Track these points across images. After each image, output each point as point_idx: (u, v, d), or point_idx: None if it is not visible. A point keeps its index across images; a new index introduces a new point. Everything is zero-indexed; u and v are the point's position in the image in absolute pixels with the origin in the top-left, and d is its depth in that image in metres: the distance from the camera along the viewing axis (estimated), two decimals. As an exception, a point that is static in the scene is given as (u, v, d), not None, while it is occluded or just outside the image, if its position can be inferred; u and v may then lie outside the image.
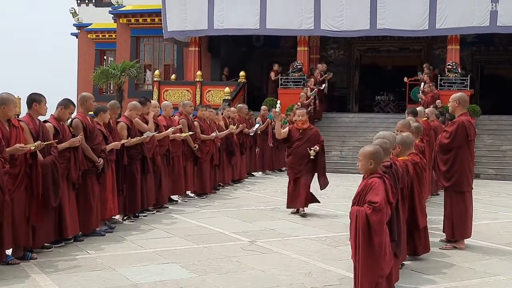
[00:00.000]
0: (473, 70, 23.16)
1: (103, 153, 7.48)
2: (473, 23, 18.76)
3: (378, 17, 19.39)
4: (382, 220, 4.46)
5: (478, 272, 6.08)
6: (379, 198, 4.48)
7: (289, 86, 20.83)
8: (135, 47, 26.16)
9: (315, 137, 9.41)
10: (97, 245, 6.97)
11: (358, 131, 18.92)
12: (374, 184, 4.57)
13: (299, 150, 9.25)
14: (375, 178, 4.62)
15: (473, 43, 23.11)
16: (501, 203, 11.37)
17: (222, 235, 7.71)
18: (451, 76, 19.46)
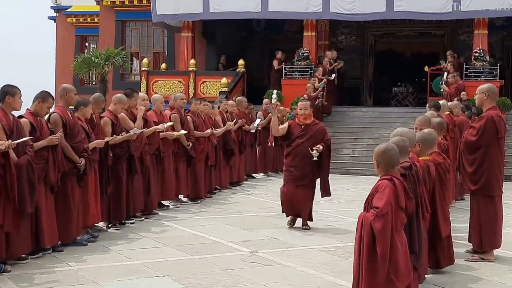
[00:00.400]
0: (503, 58, 23.14)
1: (85, 153, 7.49)
2: (504, 4, 18.72)
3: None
4: (385, 227, 4.48)
5: (509, 287, 6.08)
6: (382, 202, 4.50)
7: (294, 76, 20.83)
8: (121, 33, 26.17)
9: (319, 134, 8.94)
10: (78, 256, 6.98)
11: (373, 128, 18.92)
12: (381, 187, 4.60)
13: (300, 150, 8.78)
14: (384, 180, 4.64)
15: (503, 27, 23.05)
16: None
17: (219, 244, 7.71)
18: (478, 65, 19.43)
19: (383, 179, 4.68)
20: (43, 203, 6.88)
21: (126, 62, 23.70)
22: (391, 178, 4.66)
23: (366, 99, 24.70)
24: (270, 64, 22.37)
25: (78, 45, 28.82)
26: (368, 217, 4.55)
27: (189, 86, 21.50)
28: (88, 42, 29.35)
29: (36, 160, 6.64)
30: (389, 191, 4.57)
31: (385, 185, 4.61)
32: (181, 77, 21.94)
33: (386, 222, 4.49)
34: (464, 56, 21.25)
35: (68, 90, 7.61)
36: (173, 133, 10.31)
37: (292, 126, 9.02)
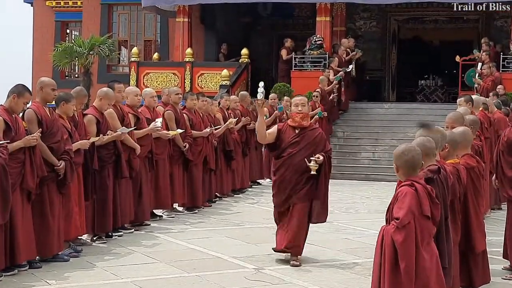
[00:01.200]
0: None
1: (65, 155, 7.47)
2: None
3: (422, -23, 19.41)
4: (407, 239, 4.49)
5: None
6: (403, 212, 4.52)
7: (306, 67, 20.86)
8: (107, 18, 26.23)
9: (319, 142, 7.70)
10: (58, 273, 7.00)
11: (396, 127, 18.93)
12: (400, 195, 4.62)
13: (294, 162, 7.53)
14: (403, 186, 4.66)
15: (547, 11, 23.05)
16: None
17: (219, 260, 7.74)
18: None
19: (403, 186, 4.69)
20: (19, 213, 6.89)
21: (113, 52, 23.75)
22: (411, 183, 4.67)
23: (389, 94, 24.69)
24: (278, 53, 22.39)
25: (58, 32, 28.82)
26: (388, 230, 4.57)
27: (185, 79, 21.55)
28: (70, 28, 29.37)
29: (11, 164, 6.65)
30: (410, 198, 4.58)
31: (405, 192, 4.62)
32: (176, 69, 21.99)
33: (408, 234, 4.50)
34: (501, 44, 21.24)
35: (45, 85, 7.58)
36: (168, 133, 10.31)
37: (283, 130, 7.73)
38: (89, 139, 8.20)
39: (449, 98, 23.28)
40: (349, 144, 18.84)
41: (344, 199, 13.36)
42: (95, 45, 22.22)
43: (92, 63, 22.65)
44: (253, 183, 14.93)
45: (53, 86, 7.65)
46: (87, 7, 26.24)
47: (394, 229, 4.52)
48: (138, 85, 20.34)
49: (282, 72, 21.49)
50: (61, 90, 8.11)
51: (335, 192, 14.28)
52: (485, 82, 18.37)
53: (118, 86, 9.26)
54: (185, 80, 21.54)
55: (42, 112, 7.36)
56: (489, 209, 10.75)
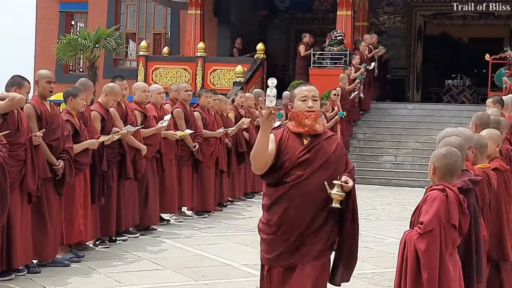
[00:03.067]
0: None
1: (65, 154, 7.43)
2: None
3: (451, -31, 19.38)
4: (431, 247, 4.47)
5: None
6: (428, 217, 4.50)
7: (325, 64, 20.82)
8: (114, 9, 26.31)
9: (340, 157, 5.11)
10: (58, 278, 7.01)
11: (420, 128, 18.88)
12: (430, 198, 4.60)
13: (305, 191, 4.88)
14: (434, 190, 4.65)
15: None
16: None
17: (229, 268, 7.73)
18: (553, 52, 19.39)
19: (433, 189, 4.68)
20: (18, 215, 6.89)
21: (120, 45, 23.79)
22: (443, 188, 4.66)
23: (413, 94, 24.67)
24: (296, 49, 22.38)
25: (63, 24, 28.91)
26: (412, 236, 4.55)
27: (196, 75, 21.55)
28: (75, 20, 29.48)
29: (10, 162, 6.64)
30: (439, 204, 4.57)
31: (434, 197, 4.61)
32: (186, 64, 22.01)
33: (433, 242, 4.48)
34: (535, 41, 21.17)
35: (40, 78, 7.51)
36: (176, 133, 10.27)
37: (284, 140, 5.14)
38: (98, 138, 8.17)
39: (477, 99, 23.22)
40: (370, 147, 18.80)
41: (363, 205, 13.29)
42: (101, 38, 22.27)
43: (98, 57, 22.71)
44: (267, 186, 14.89)
45: (48, 78, 7.52)
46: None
47: (417, 235, 4.51)
48: (147, 81, 20.37)
49: (300, 69, 21.47)
50: (65, 85, 8.13)
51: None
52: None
53: (121, 83, 9.13)
54: (197, 76, 21.54)
55: (41, 108, 7.34)
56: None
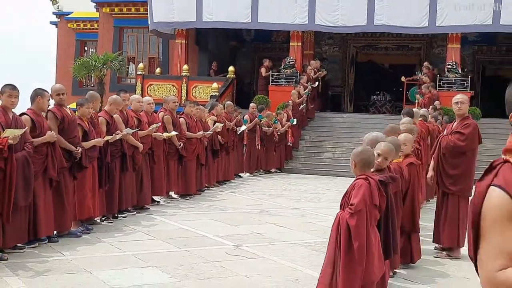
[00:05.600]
0: (474, 71, 23.36)
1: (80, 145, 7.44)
2: (475, 21, 18.89)
3: (376, 12, 19.47)
4: (359, 223, 4.51)
5: (473, 282, 6.13)
6: (357, 199, 4.54)
7: (281, 83, 20.87)
8: (118, 38, 26.09)
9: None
10: (72, 246, 6.96)
11: (352, 132, 18.96)
12: (357, 186, 4.65)
13: None
14: (360, 179, 4.69)
15: (474, 42, 23.29)
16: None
17: (205, 238, 7.71)
18: (451, 77, 19.57)
19: (359, 178, 4.72)
20: (41, 196, 6.84)
21: (123, 66, 23.62)
22: (366, 177, 4.70)
23: (347, 106, 24.79)
24: (258, 71, 22.39)
25: (78, 49, 28.64)
26: (344, 215, 4.59)
27: (182, 90, 21.46)
28: (88, 46, 29.18)
29: (36, 155, 6.62)
30: (365, 189, 4.61)
31: (361, 184, 4.65)
32: (174, 81, 21.90)
33: (360, 218, 4.53)
34: (438, 68, 21.39)
35: (52, 91, 7.35)
36: (163, 134, 10.24)
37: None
38: (104, 137, 8.15)
39: (395, 110, 23.41)
40: (314, 146, 18.87)
41: (309, 190, 13.39)
42: (108, 60, 22.07)
43: (105, 75, 22.50)
44: (235, 175, 14.89)
45: (57, 91, 7.39)
46: (102, 29, 26.06)
47: (349, 214, 4.54)
48: (143, 94, 20.18)
49: (262, 86, 21.48)
50: (80, 96, 8.05)
51: (302, 184, 14.35)
52: (424, 98, 18.50)
53: (124, 95, 9.18)
54: (182, 91, 21.43)
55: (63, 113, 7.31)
56: (424, 200, 10.81)
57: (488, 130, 18.34)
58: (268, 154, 16.45)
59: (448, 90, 19.06)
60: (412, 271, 6.40)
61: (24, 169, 6.37)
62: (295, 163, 18.01)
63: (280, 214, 9.82)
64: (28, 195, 6.46)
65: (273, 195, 12.26)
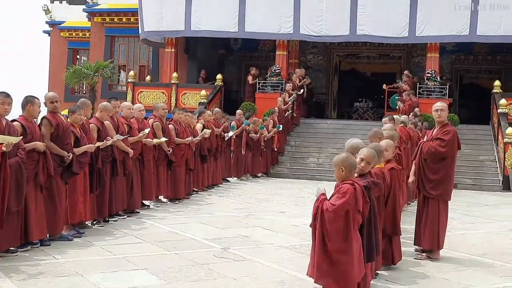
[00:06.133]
0: (452, 79, 23.54)
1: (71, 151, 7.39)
2: (453, 31, 19.08)
3: (358, 23, 19.58)
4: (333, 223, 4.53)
5: (452, 283, 6.15)
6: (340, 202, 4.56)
7: (267, 90, 20.88)
8: (110, 47, 25.99)
9: None
10: (64, 249, 6.88)
11: (336, 138, 19.02)
12: (343, 189, 4.65)
13: None
14: (347, 184, 4.68)
15: (452, 52, 23.50)
16: (478, 214, 11.53)
17: (193, 241, 7.67)
18: (430, 85, 19.71)
19: (346, 183, 4.72)
20: (33, 200, 6.78)
21: (114, 74, 23.55)
22: (353, 183, 4.71)
23: (331, 113, 24.86)
24: (245, 79, 22.40)
25: (70, 57, 28.51)
26: (326, 207, 4.61)
27: (171, 97, 21.42)
28: (80, 55, 29.06)
29: (27, 161, 6.57)
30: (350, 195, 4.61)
31: (347, 188, 4.65)
32: (164, 89, 21.85)
33: (337, 221, 4.55)
34: (418, 76, 21.54)
35: (45, 99, 7.35)
36: (152, 140, 10.19)
37: None
38: (95, 143, 8.08)
39: (377, 117, 23.52)
40: (299, 151, 18.90)
41: (294, 194, 13.39)
42: (99, 68, 22.00)
43: (96, 83, 22.43)
44: (223, 180, 14.85)
45: (51, 99, 7.35)
46: (94, 38, 25.96)
47: (327, 210, 4.57)
48: (133, 102, 20.15)
49: (249, 93, 21.50)
50: (72, 103, 7.99)
51: (287, 189, 14.35)
52: (405, 105, 18.60)
53: (115, 103, 9.07)
54: (171, 98, 21.41)
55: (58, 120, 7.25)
56: (405, 204, 10.85)
57: (465, 136, 18.46)
58: (255, 159, 16.44)
59: (427, 98, 19.22)
60: (393, 272, 6.40)
61: (17, 175, 6.31)
62: (281, 167, 18.02)
63: (267, 218, 9.80)
64: (20, 200, 6.39)
65: (259, 199, 12.24)
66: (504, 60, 23.50)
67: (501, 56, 23.37)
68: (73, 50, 28.84)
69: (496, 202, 13.65)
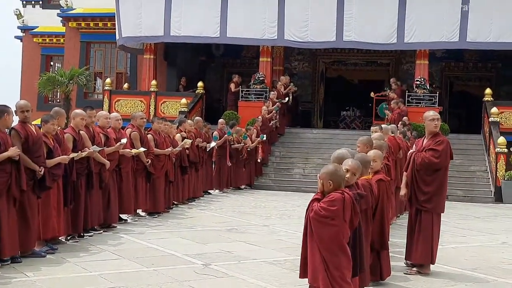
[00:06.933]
0: (441, 87, 23.74)
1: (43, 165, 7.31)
2: (443, 38, 19.29)
3: (345, 28, 19.72)
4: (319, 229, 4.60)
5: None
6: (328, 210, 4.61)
7: (250, 98, 20.91)
8: (85, 53, 25.87)
9: None
10: (36, 266, 6.81)
11: (322, 148, 19.08)
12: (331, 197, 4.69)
13: None
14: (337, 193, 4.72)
15: (442, 58, 23.75)
16: (469, 226, 11.63)
17: (174, 257, 7.63)
18: (420, 92, 19.86)
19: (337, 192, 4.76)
20: (5, 215, 6.71)
21: (89, 82, 23.40)
22: (342, 192, 4.74)
23: (317, 122, 24.94)
24: (228, 86, 22.42)
25: (44, 64, 28.35)
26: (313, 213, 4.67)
27: (150, 105, 21.37)
28: (53, 61, 28.90)
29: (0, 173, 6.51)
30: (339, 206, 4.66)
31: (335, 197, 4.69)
32: (142, 97, 21.80)
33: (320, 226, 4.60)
34: (407, 84, 21.73)
35: (16, 107, 7.27)
36: (131, 151, 10.15)
37: None
38: (69, 155, 8.01)
39: (365, 126, 23.64)
40: (284, 162, 18.93)
41: (279, 207, 13.40)
42: (74, 76, 21.86)
43: (71, 91, 22.28)
44: (204, 193, 14.82)
45: (22, 108, 7.29)
46: (68, 44, 25.82)
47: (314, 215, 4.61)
48: (110, 110, 20.05)
49: (231, 102, 21.53)
50: (45, 112, 7.92)
51: (272, 201, 14.35)
52: (393, 114, 18.75)
53: (90, 112, 9.05)
54: (150, 106, 21.36)
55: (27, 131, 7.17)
56: (395, 216, 10.90)
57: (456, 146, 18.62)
58: (238, 170, 16.43)
59: (416, 106, 19.38)
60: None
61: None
62: (265, 179, 18.03)
63: (250, 232, 9.80)
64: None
65: (242, 212, 12.23)
66: (495, 67, 23.81)
67: (491, 63, 23.68)
68: (46, 57, 28.68)
69: (488, 215, 13.79)
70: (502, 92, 22.68)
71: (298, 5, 20.02)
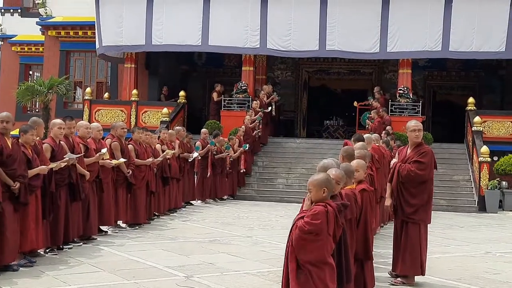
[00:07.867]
0: (425, 96, 23.97)
1: (21, 178, 7.23)
2: (425, 47, 19.48)
3: (328, 38, 19.84)
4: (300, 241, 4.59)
5: (427, 309, 6.21)
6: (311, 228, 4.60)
7: (233, 108, 20.94)
8: (65, 62, 25.71)
9: None
10: (13, 280, 6.72)
11: (305, 158, 19.14)
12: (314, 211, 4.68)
13: None
14: (319, 205, 4.70)
15: (425, 67, 23.99)
16: (453, 236, 11.70)
17: (155, 269, 7.58)
18: (403, 102, 20.01)
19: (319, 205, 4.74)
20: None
21: (69, 91, 23.29)
22: (325, 204, 4.72)
23: (300, 131, 25.01)
24: (210, 96, 22.41)
25: (22, 73, 28.13)
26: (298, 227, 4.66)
27: (131, 115, 21.28)
28: (32, 70, 28.70)
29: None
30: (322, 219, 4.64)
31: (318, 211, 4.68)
32: (123, 107, 21.71)
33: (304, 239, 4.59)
34: (390, 93, 21.89)
35: None
36: (112, 161, 10.09)
37: None
38: (48, 165, 7.93)
39: (348, 135, 23.70)
40: (267, 172, 18.93)
41: (262, 217, 13.38)
42: (54, 85, 21.76)
43: (51, 100, 22.16)
44: (186, 203, 14.76)
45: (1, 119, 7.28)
46: (48, 53, 25.65)
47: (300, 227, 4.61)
48: (90, 120, 19.97)
49: (213, 111, 21.52)
50: (23, 122, 7.85)
51: (255, 212, 14.33)
52: (374, 123, 18.84)
53: (70, 122, 8.96)
54: (131, 116, 21.27)
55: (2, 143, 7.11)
56: (379, 226, 10.93)
57: (439, 155, 18.75)
58: (220, 181, 16.40)
59: (400, 115, 19.53)
60: (366, 299, 6.41)
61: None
62: (247, 189, 18.01)
63: (233, 243, 9.77)
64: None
65: (225, 223, 12.20)
66: (478, 76, 24.10)
67: (474, 72, 23.95)
68: (25, 66, 28.46)
69: (472, 224, 13.89)
70: (485, 101, 22.93)
71: (281, 14, 20.10)
